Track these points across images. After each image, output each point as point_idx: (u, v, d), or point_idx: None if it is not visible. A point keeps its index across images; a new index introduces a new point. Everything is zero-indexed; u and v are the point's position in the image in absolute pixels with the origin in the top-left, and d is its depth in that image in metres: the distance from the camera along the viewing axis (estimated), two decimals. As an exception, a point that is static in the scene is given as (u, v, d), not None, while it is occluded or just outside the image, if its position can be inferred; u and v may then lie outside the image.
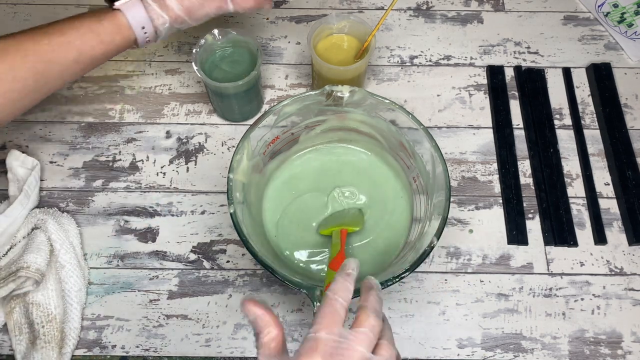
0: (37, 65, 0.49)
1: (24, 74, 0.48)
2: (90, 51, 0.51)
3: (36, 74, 0.49)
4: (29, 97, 0.50)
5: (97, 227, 0.65)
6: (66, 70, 0.51)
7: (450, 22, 0.79)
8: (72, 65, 0.51)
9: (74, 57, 0.51)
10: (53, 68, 0.50)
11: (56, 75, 0.51)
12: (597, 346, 0.60)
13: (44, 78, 0.50)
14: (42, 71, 0.49)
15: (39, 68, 0.49)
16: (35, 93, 0.50)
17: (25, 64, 0.48)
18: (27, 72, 0.48)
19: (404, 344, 0.60)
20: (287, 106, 0.55)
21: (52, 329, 0.57)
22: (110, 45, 0.52)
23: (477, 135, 0.71)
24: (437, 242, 0.49)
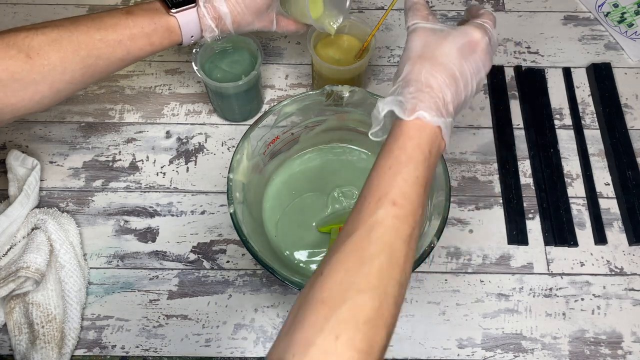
0: (87, 59, 0.49)
1: (74, 66, 0.48)
2: (138, 52, 0.52)
3: (84, 68, 0.49)
4: (72, 88, 0.50)
5: (97, 227, 0.65)
6: (111, 66, 0.51)
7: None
8: (118, 62, 0.51)
9: (122, 55, 0.51)
10: (100, 63, 0.50)
11: (102, 70, 0.51)
12: (597, 346, 0.60)
13: (90, 72, 0.50)
14: (90, 65, 0.49)
15: (87, 62, 0.49)
16: (79, 84, 0.50)
17: (76, 57, 0.48)
18: (76, 65, 0.48)
19: (404, 344, 0.60)
20: (287, 106, 0.55)
21: (51, 329, 0.56)
22: (157, 47, 0.53)
23: (477, 135, 0.71)
24: (437, 242, 0.49)
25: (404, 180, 0.37)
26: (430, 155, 0.39)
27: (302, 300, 0.35)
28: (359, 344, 0.32)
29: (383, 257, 0.35)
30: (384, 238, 0.36)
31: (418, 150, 0.39)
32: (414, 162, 0.38)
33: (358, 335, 0.32)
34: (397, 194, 0.37)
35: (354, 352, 0.32)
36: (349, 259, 0.35)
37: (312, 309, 0.33)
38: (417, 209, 0.37)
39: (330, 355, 0.31)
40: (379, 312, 0.34)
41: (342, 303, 0.33)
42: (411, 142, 0.39)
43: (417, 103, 0.40)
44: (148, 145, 0.70)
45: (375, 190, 0.38)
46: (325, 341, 0.32)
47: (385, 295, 0.34)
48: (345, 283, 0.34)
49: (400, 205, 0.37)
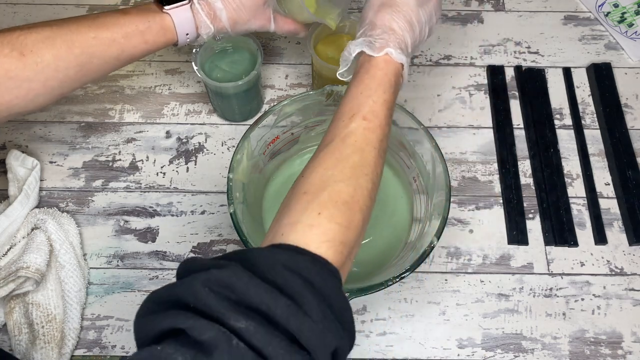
0: (80, 57, 0.49)
1: (67, 64, 0.49)
2: (133, 50, 0.52)
3: (78, 66, 0.49)
4: (67, 87, 0.50)
5: (97, 227, 0.65)
6: (106, 65, 0.51)
7: (450, 22, 0.79)
8: (112, 61, 0.52)
9: (117, 54, 0.51)
10: (94, 62, 0.50)
11: (96, 69, 0.51)
12: (597, 346, 0.60)
13: (84, 70, 0.50)
14: (84, 64, 0.50)
15: (81, 60, 0.49)
16: (74, 83, 0.51)
17: (70, 55, 0.48)
18: (70, 63, 0.49)
19: (404, 344, 0.60)
20: (287, 106, 0.55)
21: (51, 329, 0.56)
22: (152, 46, 0.53)
23: (477, 135, 0.71)
24: (437, 242, 0.49)
25: (373, 101, 0.43)
26: (395, 85, 0.46)
27: (287, 198, 0.40)
28: (338, 219, 0.37)
29: (355, 157, 0.40)
30: (356, 144, 0.41)
31: (386, 78, 0.45)
32: (383, 87, 0.44)
33: (337, 212, 0.37)
34: (368, 111, 0.43)
35: (334, 225, 0.36)
36: (327, 160, 0.41)
37: (296, 199, 0.38)
38: (384, 124, 0.43)
39: (314, 227, 0.36)
40: (354, 198, 0.39)
41: (322, 190, 0.38)
42: (380, 72, 0.45)
43: (385, 42, 0.46)
44: (148, 145, 0.70)
45: (348, 109, 0.43)
46: (309, 217, 0.36)
47: (358, 186, 0.39)
48: (325, 177, 0.39)
49: (369, 120, 0.43)
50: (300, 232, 0.35)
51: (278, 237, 0.36)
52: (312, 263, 0.33)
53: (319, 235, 0.35)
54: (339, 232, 0.36)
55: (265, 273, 0.31)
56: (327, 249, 0.35)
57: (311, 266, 0.33)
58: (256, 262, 0.32)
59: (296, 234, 0.35)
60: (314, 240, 0.35)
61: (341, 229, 0.36)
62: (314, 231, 0.35)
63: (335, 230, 0.36)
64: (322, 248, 0.35)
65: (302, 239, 0.35)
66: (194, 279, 0.30)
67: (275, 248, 0.34)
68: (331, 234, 0.36)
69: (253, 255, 0.32)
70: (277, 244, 0.35)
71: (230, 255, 0.33)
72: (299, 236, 0.35)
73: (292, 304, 0.30)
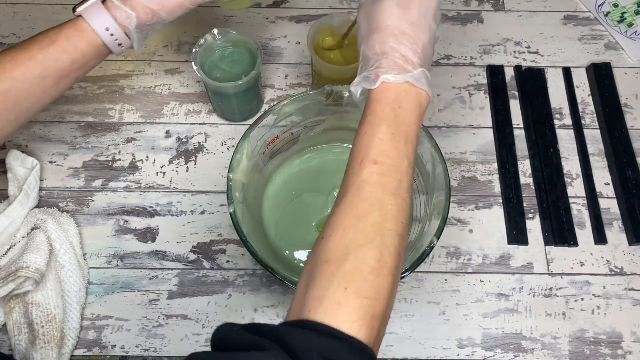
0: (2, 85, 0.47)
1: None
2: (55, 64, 0.49)
3: (3, 94, 0.47)
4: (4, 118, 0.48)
5: (97, 227, 0.65)
6: (34, 88, 0.49)
7: (450, 22, 0.79)
8: (39, 81, 0.49)
9: (39, 72, 0.48)
10: (19, 86, 0.48)
11: (25, 94, 0.48)
12: (597, 346, 0.60)
13: (13, 97, 0.48)
14: (9, 90, 0.47)
15: (4, 88, 0.47)
16: (9, 113, 0.48)
17: None
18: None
19: (404, 344, 0.60)
20: (287, 106, 0.55)
21: (51, 329, 0.56)
22: (75, 54, 0.49)
23: (477, 135, 0.71)
24: (437, 242, 0.49)
25: (380, 139, 0.40)
26: (402, 110, 0.41)
27: (310, 265, 0.37)
28: (367, 292, 0.34)
29: (376, 212, 0.37)
30: (373, 195, 0.38)
31: (387, 109, 0.41)
32: (386, 120, 0.41)
33: (365, 284, 0.35)
34: (377, 153, 0.40)
35: (363, 300, 0.34)
36: (345, 219, 0.38)
37: (320, 270, 0.36)
38: (400, 162, 0.40)
39: (342, 305, 0.34)
40: (381, 262, 0.36)
41: (345, 259, 0.35)
42: (379, 104, 0.41)
43: (378, 71, 0.42)
44: (148, 145, 0.70)
45: (357, 155, 0.40)
46: (336, 293, 0.34)
47: (384, 246, 0.36)
48: (346, 241, 0.36)
49: (381, 162, 0.39)
50: (330, 311, 0.33)
51: (305, 312, 0.34)
52: (347, 349, 0.32)
53: (349, 314, 0.33)
54: (369, 307, 0.34)
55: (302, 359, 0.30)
56: (360, 329, 0.33)
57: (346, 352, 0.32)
58: (292, 346, 0.31)
59: (325, 312, 0.33)
60: (345, 320, 0.33)
61: (370, 302, 0.34)
62: (343, 310, 0.33)
63: (365, 305, 0.34)
64: (355, 329, 0.33)
65: (332, 318, 0.33)
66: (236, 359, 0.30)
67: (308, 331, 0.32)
68: (362, 311, 0.34)
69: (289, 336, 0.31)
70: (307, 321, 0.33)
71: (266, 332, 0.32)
72: (329, 315, 0.33)
73: None
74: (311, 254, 0.39)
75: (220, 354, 0.31)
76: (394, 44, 0.43)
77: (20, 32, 0.77)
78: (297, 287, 0.38)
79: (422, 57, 0.44)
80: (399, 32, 0.43)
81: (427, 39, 0.45)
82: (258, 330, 0.32)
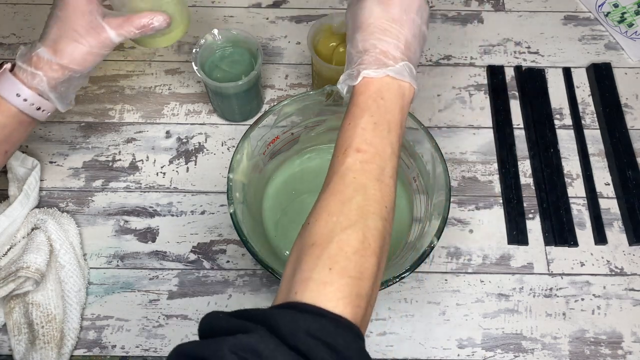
0: None
1: None
2: None
3: None
4: None
5: (97, 227, 0.65)
6: None
7: (450, 22, 0.79)
8: None
9: None
10: None
11: None
12: (597, 346, 0.60)
13: None
14: None
15: None
16: None
17: None
18: None
19: (404, 344, 0.60)
20: (287, 106, 0.55)
21: (51, 329, 0.56)
22: None
23: (477, 135, 0.71)
24: (437, 242, 0.49)
25: (362, 129, 0.41)
26: (384, 101, 0.43)
27: (296, 250, 0.39)
28: (351, 271, 0.35)
29: (359, 197, 0.38)
30: (356, 181, 0.39)
31: (369, 101, 0.42)
32: (368, 111, 0.42)
33: (349, 264, 0.36)
34: (359, 142, 0.41)
35: (347, 279, 0.35)
36: (330, 204, 0.39)
37: (306, 254, 0.37)
38: (382, 149, 0.41)
39: (327, 284, 0.34)
40: (364, 243, 0.37)
41: (329, 241, 0.36)
42: (361, 97, 0.43)
43: (360, 67, 0.44)
44: (148, 145, 0.70)
45: (341, 144, 0.42)
46: (321, 274, 0.35)
47: (367, 228, 0.37)
48: (330, 224, 0.37)
49: (364, 150, 0.40)
50: (315, 291, 0.34)
51: (292, 295, 0.35)
52: (333, 326, 0.32)
53: (334, 292, 0.34)
54: (354, 286, 0.35)
55: (288, 339, 0.31)
56: (345, 307, 0.34)
57: (333, 330, 0.32)
58: (279, 327, 0.31)
59: (311, 293, 0.34)
60: (330, 298, 0.34)
61: (355, 281, 0.35)
62: (328, 289, 0.34)
63: (350, 284, 0.35)
64: (340, 306, 0.34)
65: (318, 297, 0.34)
66: (222, 343, 0.30)
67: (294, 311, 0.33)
68: (346, 289, 0.34)
69: (274, 318, 0.32)
70: (293, 302, 0.34)
71: (253, 316, 0.33)
72: (314, 295, 0.34)
73: None
74: (297, 239, 0.39)
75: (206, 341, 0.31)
76: (375, 40, 0.44)
77: (20, 32, 0.77)
78: (283, 273, 0.38)
79: (404, 52, 0.45)
80: (380, 29, 0.44)
81: (410, 34, 0.45)
82: (244, 315, 0.33)
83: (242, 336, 0.30)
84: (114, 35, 0.48)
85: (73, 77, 0.49)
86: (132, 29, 0.48)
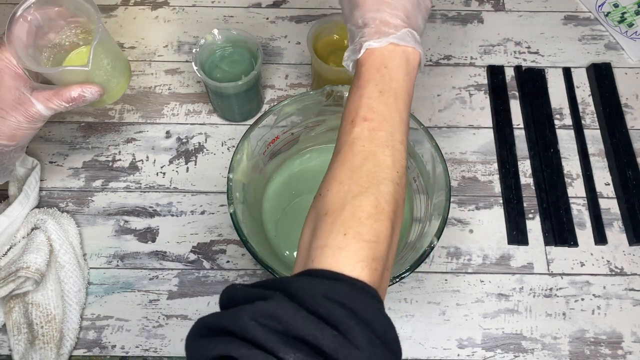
0: None
1: None
2: None
3: None
4: None
5: (97, 227, 0.65)
6: None
7: (450, 22, 0.79)
8: None
9: None
10: None
11: None
12: (597, 346, 0.60)
13: None
14: None
15: None
16: None
17: None
18: None
19: (404, 344, 0.59)
20: (287, 106, 0.55)
21: (51, 329, 0.56)
22: None
23: (477, 135, 0.71)
24: (437, 242, 0.49)
25: (368, 98, 0.41)
26: (388, 69, 0.42)
27: (310, 220, 0.39)
28: (366, 235, 0.35)
29: (369, 164, 0.38)
30: (365, 148, 0.39)
31: (372, 70, 0.42)
32: (372, 80, 0.42)
33: (364, 229, 0.35)
34: (366, 110, 0.41)
35: (362, 243, 0.35)
36: (340, 173, 0.39)
37: (320, 222, 0.37)
38: (390, 116, 0.41)
39: (343, 250, 0.35)
40: (378, 208, 0.37)
41: (342, 208, 0.36)
42: (364, 68, 0.43)
43: (361, 40, 0.43)
44: (148, 145, 0.70)
45: (347, 115, 0.42)
46: (336, 240, 0.35)
47: (380, 193, 0.37)
48: (342, 192, 0.37)
49: (371, 118, 0.40)
50: (331, 257, 0.35)
51: (309, 263, 0.35)
52: (350, 289, 0.33)
53: (350, 256, 0.34)
54: (369, 249, 0.35)
55: (307, 303, 0.31)
56: (362, 270, 0.34)
57: (350, 292, 0.32)
58: (297, 293, 0.31)
59: (327, 259, 0.35)
60: (347, 263, 0.34)
61: (370, 245, 0.35)
62: (344, 254, 0.35)
63: (365, 248, 0.35)
64: (357, 270, 0.34)
65: (334, 263, 0.34)
66: (241, 312, 0.30)
67: (311, 277, 0.34)
68: (362, 253, 0.35)
69: (292, 285, 0.32)
70: (311, 270, 0.35)
71: (270, 284, 0.33)
72: (330, 260, 0.34)
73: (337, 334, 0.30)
74: (310, 211, 0.40)
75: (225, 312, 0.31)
76: (373, 13, 0.44)
77: (20, 32, 0.77)
78: (299, 245, 0.39)
79: (405, 20, 0.44)
80: (377, 2, 0.44)
81: (409, 3, 0.45)
82: (262, 284, 0.33)
83: (260, 303, 0.30)
84: (42, 109, 0.47)
85: (5, 151, 0.48)
86: (62, 103, 0.47)
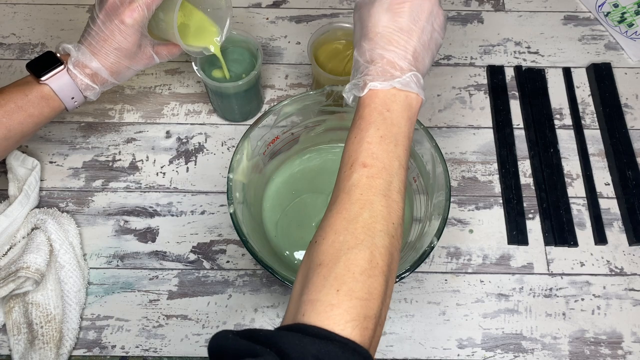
0: None
1: None
2: (19, 127, 0.52)
3: None
4: None
5: (97, 227, 0.65)
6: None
7: (450, 22, 0.79)
8: (2, 142, 0.52)
9: (3, 134, 0.51)
10: None
11: None
12: (597, 346, 0.60)
13: None
14: None
15: None
16: None
17: None
18: None
19: (404, 344, 0.60)
20: (287, 106, 0.55)
21: (51, 329, 0.56)
22: (39, 118, 0.53)
23: (477, 135, 0.71)
24: (437, 242, 0.49)
25: (368, 143, 0.41)
26: (390, 113, 0.42)
27: (304, 269, 0.38)
28: (358, 292, 0.35)
29: (365, 214, 0.38)
30: (362, 197, 0.39)
31: (375, 113, 0.42)
32: (373, 124, 0.41)
33: (357, 285, 0.35)
34: (365, 156, 0.40)
35: (355, 301, 0.34)
36: (336, 222, 0.38)
37: (313, 273, 0.36)
38: (389, 163, 0.40)
39: (335, 307, 0.34)
40: (372, 263, 0.36)
41: (336, 261, 0.36)
42: (367, 109, 0.42)
43: (366, 78, 0.43)
44: (148, 145, 0.70)
45: (347, 159, 0.41)
46: (328, 295, 0.35)
47: (374, 246, 0.37)
48: (337, 243, 0.37)
49: (370, 165, 0.40)
50: (323, 313, 0.34)
51: (300, 316, 0.35)
52: (341, 350, 0.32)
53: (342, 315, 0.34)
54: (361, 307, 0.34)
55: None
56: (353, 329, 0.33)
57: (341, 354, 0.32)
58: (287, 351, 0.31)
59: (318, 315, 0.34)
60: (338, 321, 0.33)
61: (362, 302, 0.35)
62: (336, 311, 0.34)
63: (358, 305, 0.34)
64: (348, 329, 0.33)
65: (326, 320, 0.34)
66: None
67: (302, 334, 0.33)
68: (354, 312, 0.34)
69: (283, 341, 0.32)
70: (301, 324, 0.34)
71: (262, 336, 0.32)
72: (322, 317, 0.34)
73: None
74: (304, 258, 0.39)
75: None
76: (382, 50, 0.43)
77: (20, 32, 0.77)
78: (292, 291, 0.38)
79: (412, 62, 0.44)
80: (387, 39, 0.44)
81: (419, 43, 0.44)
82: (253, 336, 0.33)
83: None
84: (157, 59, 0.57)
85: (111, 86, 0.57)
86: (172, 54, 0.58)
